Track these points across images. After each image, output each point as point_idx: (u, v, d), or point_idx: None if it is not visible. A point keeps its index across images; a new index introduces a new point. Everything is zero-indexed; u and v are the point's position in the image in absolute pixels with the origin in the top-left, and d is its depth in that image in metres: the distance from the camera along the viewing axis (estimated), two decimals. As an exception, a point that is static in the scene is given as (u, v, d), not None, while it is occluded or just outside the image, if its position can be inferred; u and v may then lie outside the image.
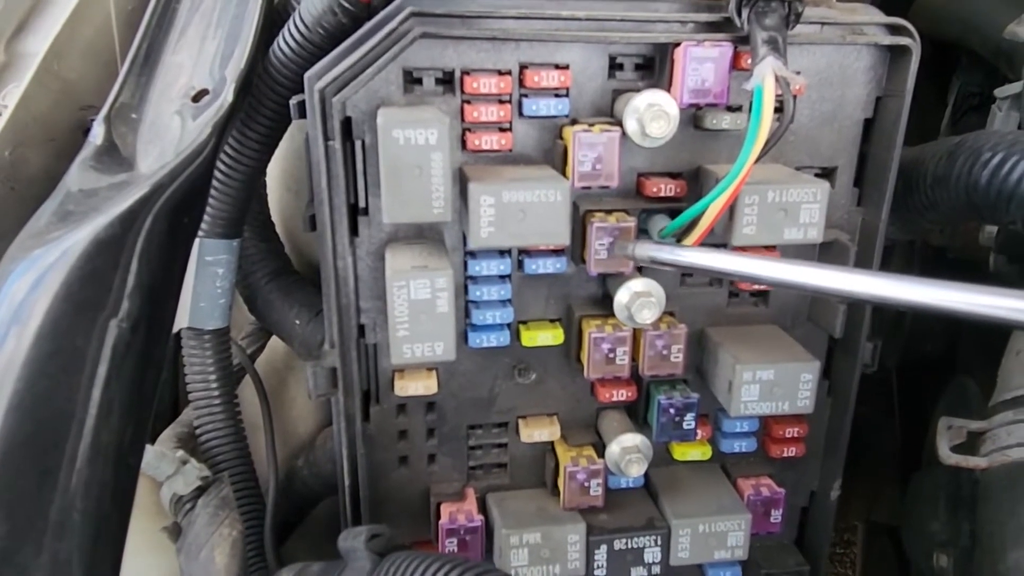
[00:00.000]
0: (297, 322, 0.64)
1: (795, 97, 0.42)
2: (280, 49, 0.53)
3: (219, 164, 0.55)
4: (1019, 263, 0.69)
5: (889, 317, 1.15)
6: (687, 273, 0.51)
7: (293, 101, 0.49)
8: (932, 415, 0.67)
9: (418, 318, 0.43)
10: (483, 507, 0.53)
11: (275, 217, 0.69)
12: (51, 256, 0.40)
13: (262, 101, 0.55)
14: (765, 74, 0.40)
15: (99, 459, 0.37)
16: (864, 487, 1.26)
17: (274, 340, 0.74)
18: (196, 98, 0.55)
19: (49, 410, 0.35)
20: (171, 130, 0.53)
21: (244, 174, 0.58)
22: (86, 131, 0.66)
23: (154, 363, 0.42)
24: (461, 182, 0.44)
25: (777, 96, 0.41)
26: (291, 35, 0.53)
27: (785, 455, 0.55)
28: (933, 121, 0.92)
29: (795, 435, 0.55)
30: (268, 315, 0.66)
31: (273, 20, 0.57)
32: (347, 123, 0.44)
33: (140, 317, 0.40)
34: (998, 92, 0.63)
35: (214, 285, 0.61)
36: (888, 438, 1.07)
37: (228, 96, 0.50)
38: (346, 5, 0.50)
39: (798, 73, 0.46)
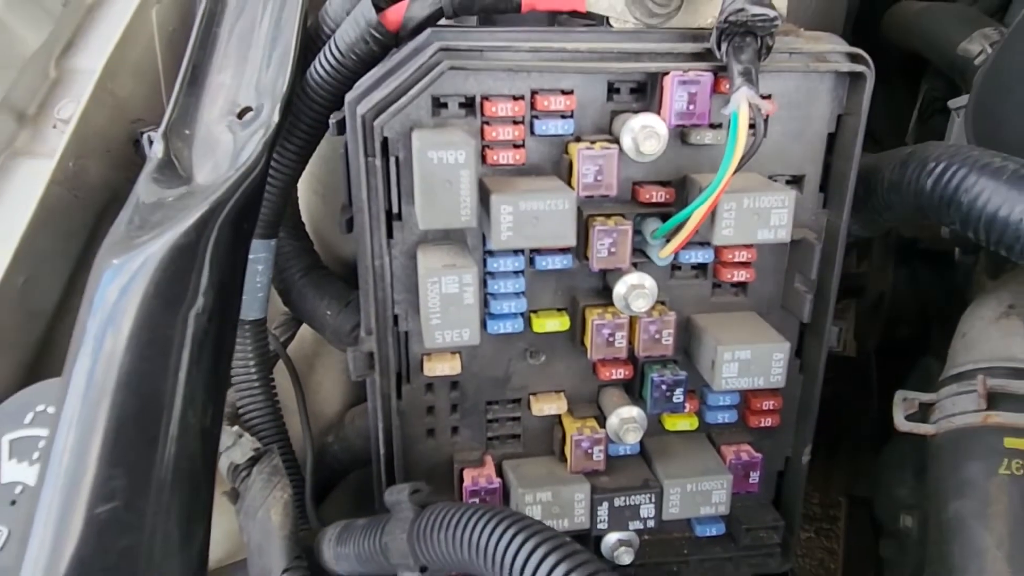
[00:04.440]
0: (328, 313, 0.72)
1: (766, 120, 0.50)
2: (317, 72, 0.60)
3: (263, 174, 0.62)
4: (973, 254, 0.77)
5: (869, 305, 1.23)
6: (676, 267, 0.59)
7: (333, 119, 0.56)
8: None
9: (448, 309, 0.50)
10: (500, 472, 0.60)
11: (304, 218, 0.76)
12: (138, 260, 0.46)
13: (300, 118, 0.62)
14: (740, 102, 0.47)
15: (188, 434, 0.44)
16: (846, 463, 1.35)
17: (302, 330, 0.81)
18: (240, 115, 0.62)
19: (149, 389, 0.43)
20: (222, 144, 0.60)
21: (282, 182, 0.65)
22: (135, 142, 0.73)
23: (226, 350, 0.49)
24: (482, 193, 0.51)
25: (751, 118, 0.48)
26: (327, 60, 0.60)
27: (762, 425, 0.62)
28: (905, 122, 0.99)
29: (771, 407, 0.62)
30: (302, 306, 0.73)
31: (306, 43, 0.64)
32: (384, 142, 0.51)
33: (214, 310, 0.47)
34: (951, 103, 0.71)
35: (254, 280, 0.68)
36: (867, 417, 1.14)
37: (275, 117, 0.57)
38: (376, 35, 0.58)
39: (769, 97, 0.53)
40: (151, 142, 0.70)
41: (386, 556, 0.47)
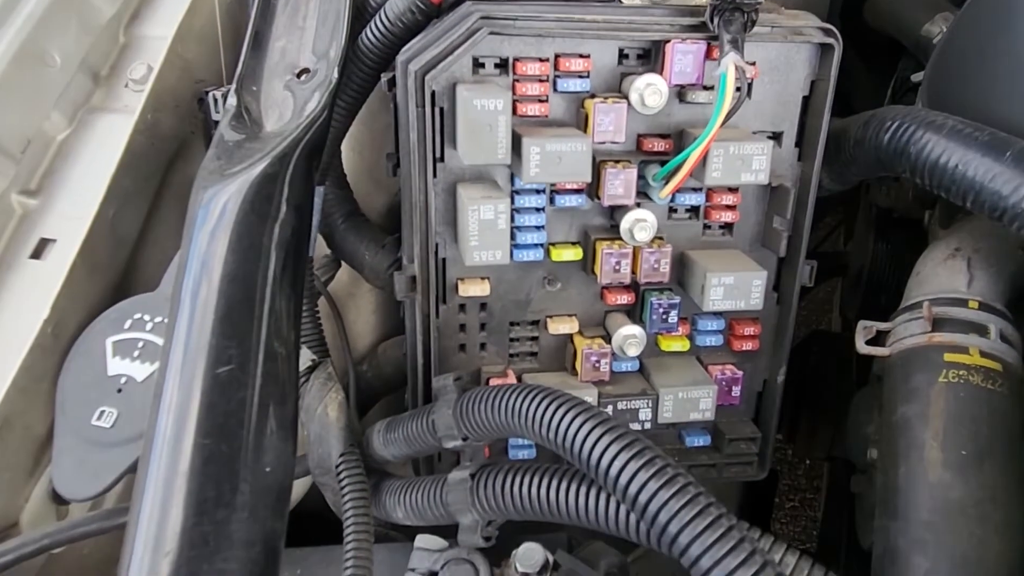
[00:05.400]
0: (367, 253, 0.82)
1: (750, 82, 0.60)
2: (368, 38, 0.70)
3: (317, 126, 0.72)
4: (931, 208, 0.88)
5: (852, 278, 1.33)
6: (673, 209, 0.69)
7: (385, 77, 0.67)
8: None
9: (485, 233, 0.60)
10: (520, 383, 0.71)
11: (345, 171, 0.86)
12: (235, 184, 0.56)
13: (351, 78, 0.72)
14: (728, 65, 0.57)
15: (277, 319, 0.54)
16: (828, 428, 1.45)
17: (339, 274, 0.91)
18: (299, 75, 0.72)
19: (249, 281, 0.52)
20: (286, 100, 0.69)
21: (334, 134, 0.75)
22: (199, 99, 0.83)
23: (302, 258, 0.59)
24: (514, 138, 0.60)
25: (737, 79, 0.58)
26: (377, 28, 0.69)
27: (744, 349, 0.71)
28: (884, 99, 1.10)
29: (751, 333, 0.71)
30: (343, 248, 0.83)
31: (356, 11, 0.73)
32: (432, 95, 0.61)
33: (294, 225, 0.57)
34: (913, 77, 0.81)
35: (306, 222, 0.78)
36: (848, 384, 1.24)
37: (334, 75, 0.67)
38: (421, 6, 0.67)
39: (753, 63, 0.64)
40: (215, 100, 0.80)
41: (433, 431, 0.58)
